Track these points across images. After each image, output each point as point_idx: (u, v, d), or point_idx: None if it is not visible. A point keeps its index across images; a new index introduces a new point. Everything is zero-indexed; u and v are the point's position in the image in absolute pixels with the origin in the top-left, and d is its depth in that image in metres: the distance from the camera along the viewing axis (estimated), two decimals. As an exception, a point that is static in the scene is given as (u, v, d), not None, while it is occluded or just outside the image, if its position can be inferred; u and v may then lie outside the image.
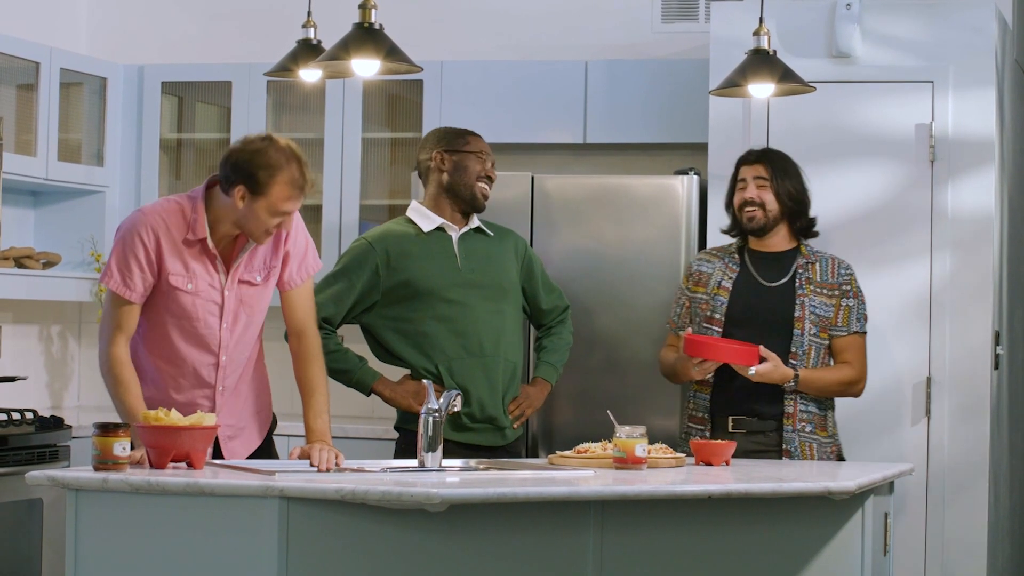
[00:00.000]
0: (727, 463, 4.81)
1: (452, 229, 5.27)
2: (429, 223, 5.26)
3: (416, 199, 5.42)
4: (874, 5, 5.86)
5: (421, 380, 5.15)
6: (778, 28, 5.80)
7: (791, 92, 5.29)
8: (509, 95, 6.46)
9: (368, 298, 5.22)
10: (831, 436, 5.28)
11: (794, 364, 5.18)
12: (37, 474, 4.06)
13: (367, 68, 4.74)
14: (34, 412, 5.75)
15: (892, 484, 4.93)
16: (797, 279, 5.26)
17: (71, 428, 5.83)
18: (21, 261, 6.36)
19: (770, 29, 5.28)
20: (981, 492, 5.76)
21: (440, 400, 4.50)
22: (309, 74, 5.34)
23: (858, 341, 5.28)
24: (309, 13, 5.42)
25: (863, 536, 4.58)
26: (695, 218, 5.93)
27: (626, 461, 4.52)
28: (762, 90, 5.23)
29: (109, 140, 6.73)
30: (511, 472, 4.42)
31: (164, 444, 4.13)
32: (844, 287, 5.27)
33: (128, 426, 4.12)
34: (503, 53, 6.72)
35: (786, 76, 5.17)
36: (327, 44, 4.98)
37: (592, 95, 6.39)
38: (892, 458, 5.68)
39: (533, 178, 6.05)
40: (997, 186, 5.88)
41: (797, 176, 5.32)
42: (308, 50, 5.36)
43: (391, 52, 4.65)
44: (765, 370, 5.10)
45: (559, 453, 4.77)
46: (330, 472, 4.25)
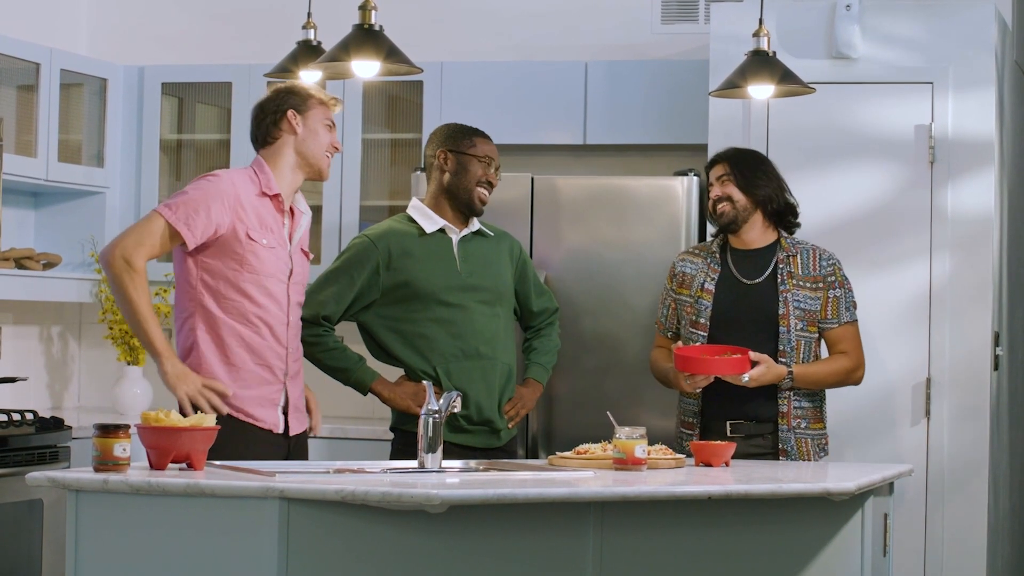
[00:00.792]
0: (727, 464, 4.81)
1: (453, 232, 5.26)
2: (431, 224, 5.26)
3: (417, 196, 5.40)
4: (874, 6, 5.86)
5: (419, 381, 5.15)
6: (778, 29, 5.80)
7: (791, 93, 5.29)
8: (509, 96, 6.46)
9: (367, 296, 5.22)
10: (825, 426, 5.28)
11: (784, 362, 5.17)
12: (37, 475, 4.06)
13: (367, 69, 4.74)
14: (34, 413, 5.75)
15: (892, 485, 4.93)
16: (779, 274, 5.25)
17: (71, 429, 5.83)
18: (21, 262, 6.37)
19: (770, 30, 5.28)
20: (981, 493, 5.76)
21: (440, 401, 4.50)
22: (309, 75, 5.34)
23: (850, 330, 5.26)
24: (309, 14, 5.43)
25: (863, 537, 4.58)
26: (695, 219, 5.93)
27: (626, 462, 4.53)
28: (762, 91, 5.23)
29: (109, 141, 6.74)
30: (511, 473, 4.42)
31: (164, 445, 4.13)
32: (828, 278, 5.25)
33: (128, 426, 4.12)
34: (503, 54, 6.72)
35: (786, 77, 5.17)
36: (327, 45, 4.99)
37: (592, 96, 6.40)
38: (891, 459, 5.68)
39: (533, 179, 6.05)
40: (997, 187, 5.88)
41: (759, 164, 5.29)
42: (308, 51, 5.36)
43: (391, 53, 4.66)
44: (758, 374, 5.10)
45: (559, 454, 4.77)
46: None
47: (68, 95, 6.56)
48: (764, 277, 5.27)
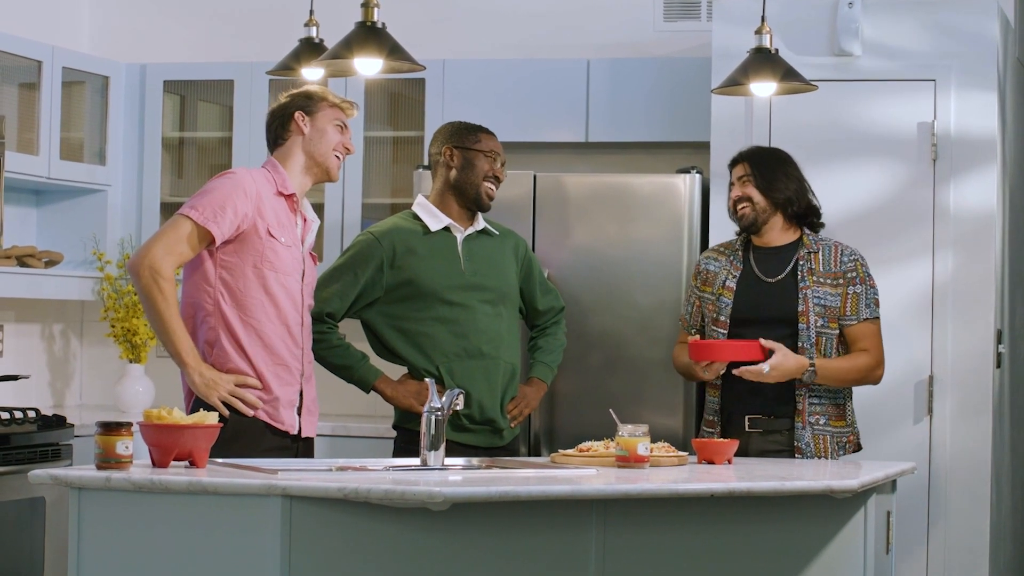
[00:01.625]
0: (729, 461, 4.81)
1: (458, 230, 5.25)
2: (436, 222, 5.24)
3: (423, 193, 5.39)
4: (876, 4, 5.86)
5: (423, 380, 5.14)
6: (780, 27, 5.79)
7: (793, 91, 5.29)
8: (511, 94, 6.46)
9: (371, 293, 5.21)
10: (849, 425, 5.25)
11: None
12: (39, 473, 4.06)
13: (369, 67, 4.74)
14: (36, 411, 5.75)
15: (894, 482, 4.93)
16: (799, 271, 5.23)
17: (73, 427, 5.83)
18: (23, 260, 6.36)
19: (772, 28, 5.28)
20: (983, 490, 5.76)
21: (443, 399, 4.50)
22: (311, 73, 5.34)
23: (871, 328, 5.21)
24: (311, 12, 5.42)
25: (865, 534, 4.58)
26: (697, 216, 5.93)
27: (628, 460, 4.52)
28: (764, 89, 5.23)
29: (111, 139, 6.73)
30: (514, 471, 4.42)
31: (167, 443, 4.13)
32: (849, 274, 5.22)
33: (130, 424, 4.11)
34: (505, 52, 6.72)
35: (788, 75, 5.16)
36: (329, 43, 4.99)
37: (594, 94, 6.39)
38: (894, 456, 5.68)
39: (535, 177, 6.05)
40: (999, 185, 5.88)
41: (781, 166, 5.26)
42: (310, 49, 5.35)
43: (393, 51, 4.66)
44: (776, 362, 5.06)
45: (561, 452, 4.77)
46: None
47: (70, 93, 6.56)
48: (785, 274, 5.25)
